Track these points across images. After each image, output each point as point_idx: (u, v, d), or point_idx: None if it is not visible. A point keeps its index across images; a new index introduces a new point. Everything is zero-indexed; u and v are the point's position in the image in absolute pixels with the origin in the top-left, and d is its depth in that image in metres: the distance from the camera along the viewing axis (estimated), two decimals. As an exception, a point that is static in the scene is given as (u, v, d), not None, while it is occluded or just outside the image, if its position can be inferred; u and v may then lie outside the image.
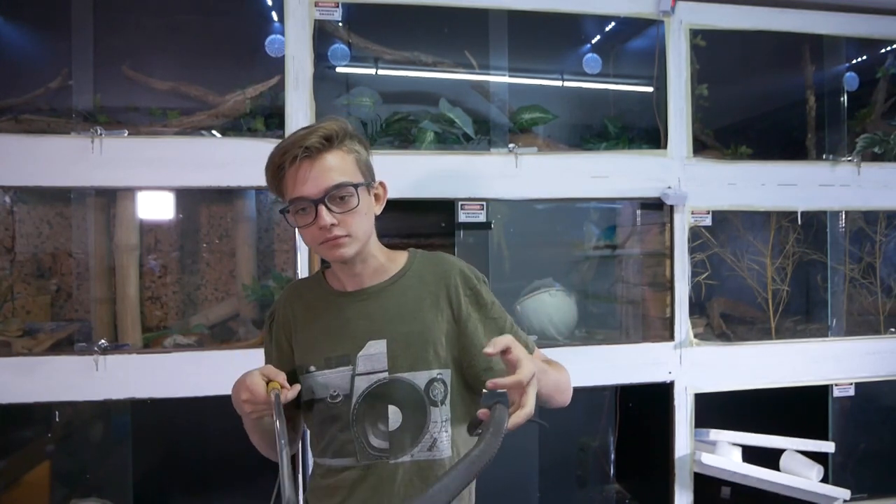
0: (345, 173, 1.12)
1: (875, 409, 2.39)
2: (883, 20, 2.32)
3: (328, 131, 1.11)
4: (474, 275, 1.26)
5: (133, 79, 2.09)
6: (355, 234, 1.14)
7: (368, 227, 1.18)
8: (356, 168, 1.15)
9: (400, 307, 1.20)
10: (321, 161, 1.11)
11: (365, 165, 1.18)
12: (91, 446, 2.21)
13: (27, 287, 2.14)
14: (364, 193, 1.15)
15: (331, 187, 1.10)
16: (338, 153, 1.13)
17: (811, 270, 2.51)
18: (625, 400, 2.53)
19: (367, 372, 1.18)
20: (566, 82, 2.60)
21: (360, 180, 1.15)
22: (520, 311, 2.27)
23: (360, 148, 1.17)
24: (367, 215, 1.17)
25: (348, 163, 1.14)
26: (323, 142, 1.10)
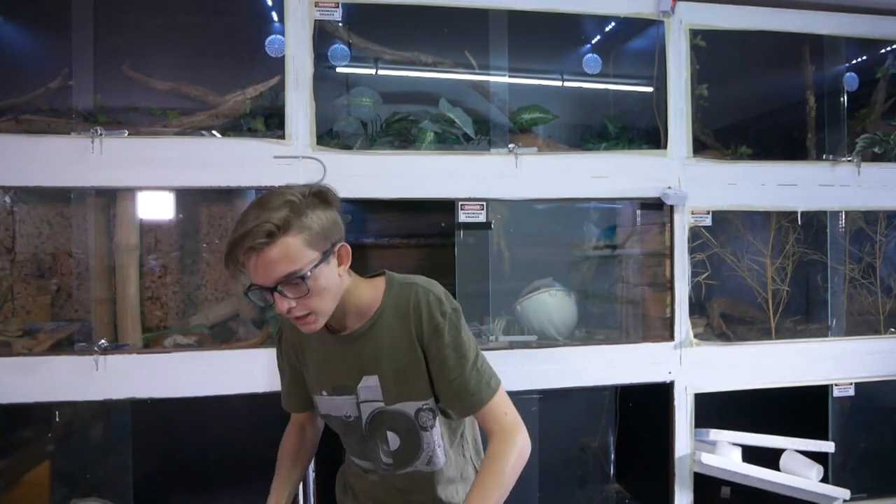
0: (293, 261, 1.12)
1: (875, 409, 2.39)
2: (883, 20, 2.32)
3: (270, 226, 1.09)
4: (440, 310, 1.24)
5: (133, 79, 2.09)
6: (317, 310, 1.18)
7: (332, 297, 1.20)
8: (307, 248, 1.13)
9: (382, 347, 1.26)
10: (267, 254, 1.10)
11: (318, 238, 1.15)
12: (91, 446, 2.21)
13: (27, 287, 2.14)
14: (319, 270, 1.15)
15: (280, 279, 1.12)
16: (284, 242, 1.11)
17: (811, 270, 2.51)
18: (625, 400, 2.53)
19: (368, 400, 1.29)
20: (566, 82, 2.60)
21: (313, 259, 1.14)
22: (520, 311, 2.27)
23: (310, 221, 1.14)
24: (328, 289, 1.18)
25: (297, 248, 1.12)
26: (265, 239, 1.09)
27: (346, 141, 2.12)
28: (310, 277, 1.13)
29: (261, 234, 1.09)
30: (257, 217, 1.10)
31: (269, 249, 1.10)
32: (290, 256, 1.11)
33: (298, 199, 1.14)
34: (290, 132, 1.92)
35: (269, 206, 1.12)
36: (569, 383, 2.07)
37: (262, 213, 1.10)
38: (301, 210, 1.13)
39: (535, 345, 2.16)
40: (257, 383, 1.88)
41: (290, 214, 1.12)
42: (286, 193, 1.14)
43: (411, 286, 1.28)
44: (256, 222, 1.09)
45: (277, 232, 1.10)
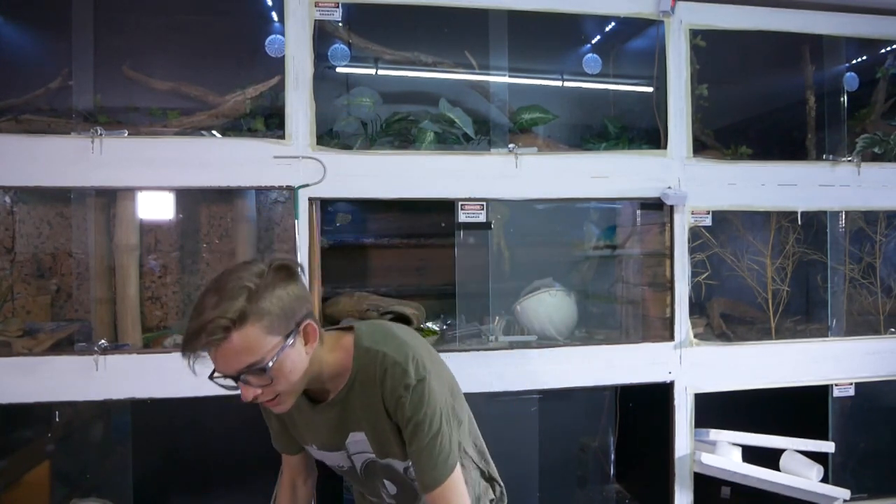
0: (253, 352, 1.08)
1: (875, 409, 2.39)
2: (883, 20, 2.32)
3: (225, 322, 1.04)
4: (403, 382, 1.20)
5: (133, 79, 2.10)
6: (284, 392, 1.15)
7: (300, 376, 1.16)
8: (267, 336, 1.09)
9: (360, 410, 1.25)
10: (225, 348, 1.06)
11: (280, 320, 1.10)
12: (91, 446, 2.21)
13: (27, 287, 2.14)
14: (283, 355, 1.11)
15: (241, 370, 1.09)
16: (241, 334, 1.06)
17: (811, 270, 2.51)
18: (625, 400, 2.53)
19: (359, 452, 1.31)
20: (566, 82, 2.60)
21: (275, 346, 1.10)
22: (520, 311, 2.27)
23: (268, 305, 1.09)
24: (295, 370, 1.14)
25: (256, 337, 1.07)
26: (221, 335, 1.05)
27: (346, 141, 2.12)
28: (272, 366, 1.09)
29: (216, 331, 1.04)
30: (213, 308, 1.05)
31: (226, 343, 1.06)
32: (249, 347, 1.07)
33: (255, 283, 1.08)
34: (290, 132, 1.92)
35: (225, 295, 1.06)
36: (569, 383, 2.07)
37: (218, 305, 1.05)
38: (259, 295, 1.08)
39: (535, 345, 2.16)
40: (257, 383, 1.88)
41: (246, 304, 1.06)
42: (244, 276, 1.09)
43: (377, 354, 1.22)
44: (212, 316, 1.04)
45: (233, 326, 1.05)
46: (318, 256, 1.95)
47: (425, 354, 1.26)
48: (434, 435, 1.20)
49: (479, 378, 1.98)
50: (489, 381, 1.99)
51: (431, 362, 1.26)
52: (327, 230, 2.27)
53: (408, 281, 2.46)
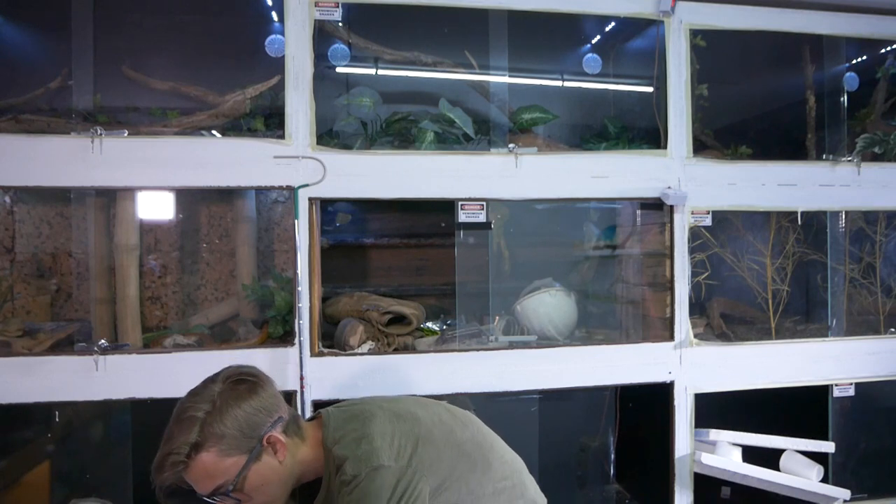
0: (214, 477, 1.11)
1: (875, 409, 2.39)
2: (883, 20, 2.32)
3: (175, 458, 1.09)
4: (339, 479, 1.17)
5: (133, 79, 2.10)
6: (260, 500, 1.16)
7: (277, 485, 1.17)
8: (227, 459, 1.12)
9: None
10: (190, 474, 1.12)
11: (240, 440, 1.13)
12: (91, 446, 2.21)
13: (27, 287, 2.14)
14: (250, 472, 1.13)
15: (210, 493, 1.12)
16: (198, 462, 1.11)
17: (811, 270, 2.51)
18: (625, 400, 2.53)
19: None
20: (566, 82, 2.60)
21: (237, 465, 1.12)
22: (520, 311, 2.27)
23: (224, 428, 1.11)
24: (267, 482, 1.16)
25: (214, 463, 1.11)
26: (177, 468, 1.10)
27: (346, 141, 2.12)
28: (238, 485, 1.12)
29: (175, 465, 1.10)
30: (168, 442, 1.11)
31: (188, 472, 1.10)
32: (208, 473, 1.11)
33: (207, 410, 1.12)
34: (290, 132, 1.92)
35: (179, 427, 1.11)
36: (569, 383, 2.07)
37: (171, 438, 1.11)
38: (213, 419, 1.11)
39: (535, 345, 2.16)
40: (257, 383, 1.88)
41: (198, 435, 1.10)
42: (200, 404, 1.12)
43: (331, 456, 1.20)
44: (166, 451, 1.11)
45: (187, 459, 1.10)
46: (318, 256, 1.95)
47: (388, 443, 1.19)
48: None
49: (479, 378, 1.98)
50: (489, 381, 1.99)
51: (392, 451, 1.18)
52: (327, 230, 2.28)
53: (408, 281, 2.46)
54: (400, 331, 2.12)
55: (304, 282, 1.90)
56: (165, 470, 1.10)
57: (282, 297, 2.03)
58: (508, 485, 1.35)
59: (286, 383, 1.87)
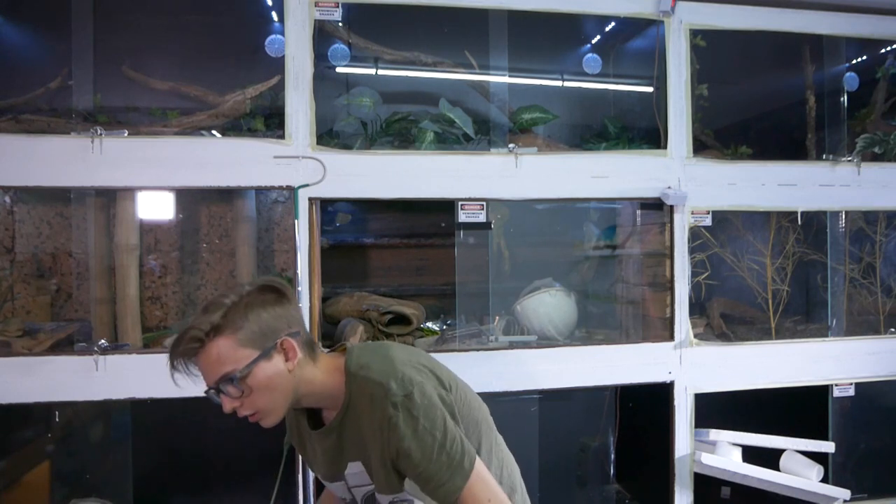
0: (226, 363, 1.13)
1: (875, 409, 2.39)
2: (883, 20, 2.32)
3: (196, 333, 1.12)
4: (390, 401, 1.17)
5: (133, 79, 2.10)
6: (263, 408, 1.18)
7: (280, 393, 1.18)
8: (241, 349, 1.14)
9: (355, 437, 1.24)
10: (202, 358, 1.14)
11: (256, 336, 1.15)
12: (91, 446, 2.21)
13: (27, 287, 2.14)
14: (258, 368, 1.15)
15: (216, 381, 1.14)
16: (215, 345, 1.13)
17: (811, 270, 2.51)
18: (625, 400, 2.53)
19: (358, 485, 1.30)
20: (566, 82, 2.60)
21: (248, 358, 1.14)
22: (520, 311, 2.27)
23: (244, 321, 1.15)
24: (271, 386, 1.17)
25: (229, 350, 1.13)
26: (195, 345, 1.12)
27: (346, 141, 2.12)
28: (245, 377, 1.13)
29: (191, 341, 1.12)
30: (193, 321, 1.14)
31: (200, 353, 1.13)
32: (220, 358, 1.13)
33: (237, 299, 1.16)
34: (290, 132, 1.92)
35: (207, 311, 1.15)
36: (569, 383, 2.07)
37: (197, 318, 1.14)
38: (238, 310, 1.15)
39: (535, 345, 2.16)
40: (257, 383, 1.88)
41: (221, 318, 1.13)
42: (229, 295, 1.17)
43: (365, 380, 1.21)
44: (188, 327, 1.13)
45: (206, 337, 1.12)
46: (318, 256, 1.94)
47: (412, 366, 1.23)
48: (441, 443, 1.17)
49: (479, 378, 1.98)
50: (489, 381, 1.99)
51: (421, 372, 1.23)
52: (327, 230, 2.28)
53: (408, 281, 2.46)
54: (400, 331, 2.12)
55: (304, 282, 1.90)
56: (182, 344, 1.12)
57: (282, 297, 2.03)
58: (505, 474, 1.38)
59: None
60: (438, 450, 1.16)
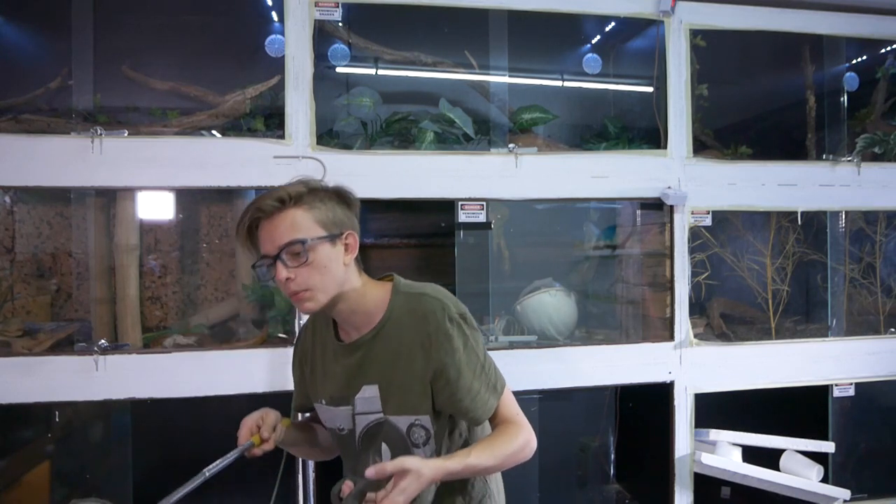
0: (299, 231, 1.18)
1: (875, 409, 2.39)
2: (883, 20, 2.32)
3: (282, 194, 1.18)
4: (447, 316, 1.23)
5: (133, 79, 2.09)
6: (314, 287, 1.20)
7: (333, 278, 1.21)
8: (314, 224, 1.20)
9: (385, 355, 1.26)
10: (274, 221, 1.18)
11: (329, 220, 1.22)
12: (91, 446, 2.21)
13: (27, 287, 2.14)
14: (322, 246, 1.20)
15: (283, 245, 1.17)
16: (294, 212, 1.18)
17: (811, 270, 2.51)
18: (625, 400, 2.53)
19: (365, 412, 1.28)
20: (566, 82, 2.60)
21: (317, 233, 1.19)
22: (520, 311, 2.27)
23: (323, 204, 1.22)
24: (329, 267, 1.20)
25: (304, 220, 1.19)
26: (276, 203, 1.17)
27: (346, 141, 2.12)
28: (310, 247, 1.18)
29: (272, 199, 1.17)
30: (268, 192, 1.20)
31: (276, 215, 1.18)
32: (294, 225, 1.18)
33: (317, 185, 1.23)
34: (290, 132, 1.92)
35: (289, 185, 1.21)
36: (569, 383, 2.07)
37: (272, 191, 1.20)
38: (317, 193, 1.22)
39: (535, 345, 2.16)
40: (257, 383, 1.88)
41: (304, 191, 1.20)
42: (311, 181, 1.24)
43: (420, 296, 1.27)
44: (268, 193, 1.19)
45: (288, 200, 1.18)
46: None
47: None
48: (482, 364, 1.26)
49: (479, 378, 1.98)
50: (489, 381, 1.99)
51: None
52: (327, 230, 2.27)
53: (408, 281, 2.45)
54: (400, 331, 2.11)
55: (304, 282, 1.90)
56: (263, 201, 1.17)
57: (282, 297, 2.03)
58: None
59: (286, 384, 1.87)
60: (480, 369, 1.25)
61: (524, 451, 1.25)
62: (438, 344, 1.22)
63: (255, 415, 1.24)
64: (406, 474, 1.09)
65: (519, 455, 1.24)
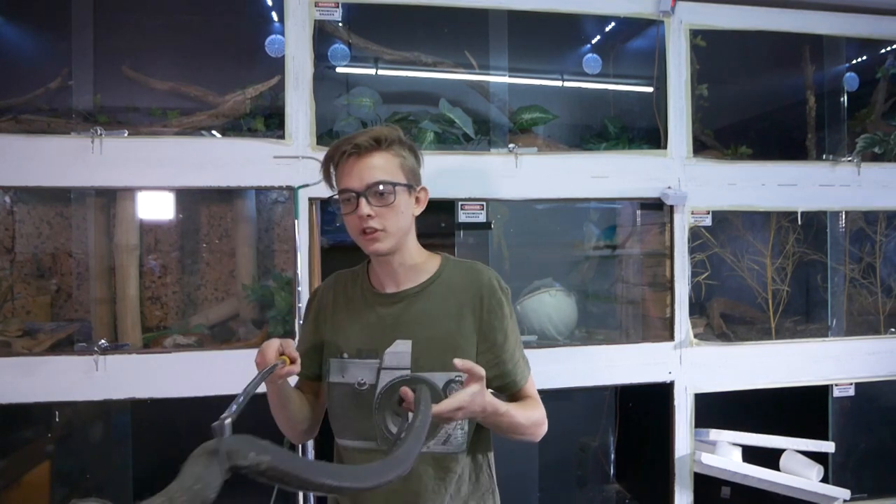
0: (387, 173, 1.24)
1: (875, 409, 2.39)
2: (883, 20, 2.32)
3: (378, 134, 1.24)
4: (500, 287, 1.32)
5: (133, 79, 2.10)
6: (390, 229, 1.25)
7: (404, 225, 1.28)
8: (399, 171, 1.26)
9: (427, 312, 1.29)
10: (367, 159, 1.24)
11: (409, 170, 1.28)
12: (91, 446, 2.21)
13: (27, 287, 2.14)
14: (403, 193, 1.26)
15: (372, 183, 1.22)
16: (384, 155, 1.25)
17: (811, 270, 2.51)
18: (625, 400, 2.53)
19: (392, 367, 1.28)
20: (566, 82, 2.60)
21: (402, 181, 1.26)
22: (520, 311, 2.27)
23: (407, 154, 1.28)
24: (404, 214, 1.27)
25: (392, 165, 1.25)
26: (371, 142, 1.23)
27: (346, 141, 2.11)
28: (396, 191, 1.23)
29: (368, 137, 1.23)
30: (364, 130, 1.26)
31: (371, 154, 1.23)
32: (386, 167, 1.24)
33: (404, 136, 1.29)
34: (290, 132, 1.92)
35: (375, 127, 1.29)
36: (569, 383, 2.07)
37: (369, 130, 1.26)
38: (403, 144, 1.28)
39: (535, 345, 2.16)
40: (257, 383, 1.88)
41: (396, 137, 1.26)
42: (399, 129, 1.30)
43: (473, 264, 1.35)
44: (364, 131, 1.25)
45: (383, 142, 1.24)
46: (318, 256, 1.95)
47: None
48: (520, 337, 1.36)
49: (479, 378, 1.98)
50: (489, 381, 1.99)
51: None
52: (327, 230, 2.27)
53: (408, 281, 2.45)
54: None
55: (304, 282, 1.90)
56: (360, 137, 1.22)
57: (282, 297, 2.03)
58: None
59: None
60: (519, 341, 1.35)
61: (542, 427, 1.32)
62: (491, 308, 1.29)
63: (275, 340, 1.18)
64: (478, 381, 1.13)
65: (538, 429, 1.31)
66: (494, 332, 1.29)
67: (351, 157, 1.24)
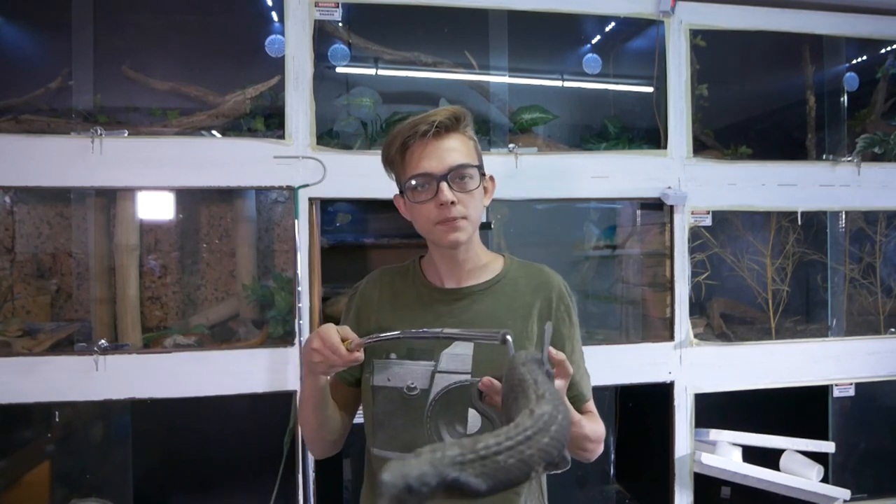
0: (467, 156, 1.13)
1: (875, 409, 2.39)
2: (883, 20, 2.32)
3: (457, 112, 1.13)
4: (568, 293, 1.24)
5: (133, 79, 2.09)
6: (471, 217, 1.14)
7: (479, 214, 1.17)
8: (476, 154, 1.16)
9: (492, 313, 1.18)
10: (448, 140, 1.12)
11: (480, 155, 1.18)
12: (91, 446, 2.21)
13: (27, 287, 2.14)
14: (480, 179, 1.16)
15: (455, 166, 1.11)
16: (462, 136, 1.14)
17: (811, 270, 2.51)
18: (625, 400, 2.53)
19: (449, 371, 1.15)
20: (566, 82, 2.60)
21: (475, 161, 1.16)
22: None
23: (477, 144, 1.19)
24: (482, 202, 1.17)
25: (469, 147, 1.15)
26: (452, 120, 1.12)
27: (346, 141, 2.12)
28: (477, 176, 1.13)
29: (447, 115, 1.12)
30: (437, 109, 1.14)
31: (450, 134, 1.12)
32: (465, 150, 1.13)
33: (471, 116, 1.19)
34: (290, 132, 1.92)
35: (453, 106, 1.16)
36: (569, 383, 2.06)
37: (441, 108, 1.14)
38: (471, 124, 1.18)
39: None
40: (257, 383, 1.88)
41: (468, 118, 1.16)
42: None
43: (541, 267, 1.26)
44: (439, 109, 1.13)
45: (462, 120, 1.14)
46: (318, 256, 1.95)
47: None
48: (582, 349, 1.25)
49: (479, 378, 1.98)
50: (489, 381, 1.99)
51: None
52: (327, 230, 2.27)
53: (408, 281, 2.45)
54: (400, 330, 2.11)
55: (304, 282, 1.90)
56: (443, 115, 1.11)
57: (282, 297, 2.04)
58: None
59: (286, 384, 1.87)
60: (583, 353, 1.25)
61: (601, 446, 1.20)
62: (560, 314, 1.19)
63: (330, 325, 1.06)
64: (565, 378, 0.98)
65: (599, 446, 1.19)
66: (563, 341, 1.18)
67: (429, 139, 1.11)
